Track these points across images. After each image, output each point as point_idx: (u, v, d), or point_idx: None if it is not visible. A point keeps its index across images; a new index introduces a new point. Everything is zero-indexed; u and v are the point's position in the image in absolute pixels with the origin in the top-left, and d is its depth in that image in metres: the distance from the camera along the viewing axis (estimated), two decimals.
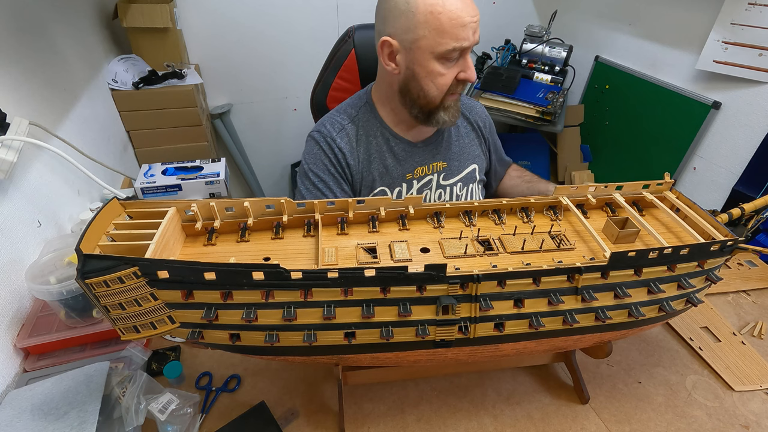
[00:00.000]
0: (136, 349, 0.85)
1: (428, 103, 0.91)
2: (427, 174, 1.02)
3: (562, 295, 0.63)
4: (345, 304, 0.59)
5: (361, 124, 0.99)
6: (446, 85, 0.88)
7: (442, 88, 0.88)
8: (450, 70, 0.87)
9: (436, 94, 0.89)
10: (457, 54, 0.85)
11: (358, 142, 0.98)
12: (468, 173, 1.07)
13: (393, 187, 1.00)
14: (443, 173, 1.04)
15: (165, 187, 1.30)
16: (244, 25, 1.99)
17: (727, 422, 0.81)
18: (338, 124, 0.99)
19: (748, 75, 1.49)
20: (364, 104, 1.01)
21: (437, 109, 0.91)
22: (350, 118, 1.00)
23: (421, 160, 1.01)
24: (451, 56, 0.85)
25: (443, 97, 0.90)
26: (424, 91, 0.89)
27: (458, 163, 1.05)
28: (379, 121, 0.99)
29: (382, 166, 0.99)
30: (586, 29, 2.20)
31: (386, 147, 0.99)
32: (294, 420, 0.79)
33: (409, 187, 1.01)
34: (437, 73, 0.86)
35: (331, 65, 1.21)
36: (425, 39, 0.83)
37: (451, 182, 1.05)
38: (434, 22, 0.81)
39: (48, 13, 1.24)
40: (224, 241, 0.70)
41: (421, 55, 0.85)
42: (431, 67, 0.86)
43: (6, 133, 0.91)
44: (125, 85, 1.63)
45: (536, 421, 0.80)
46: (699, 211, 0.75)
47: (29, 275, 0.84)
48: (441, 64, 0.85)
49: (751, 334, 0.99)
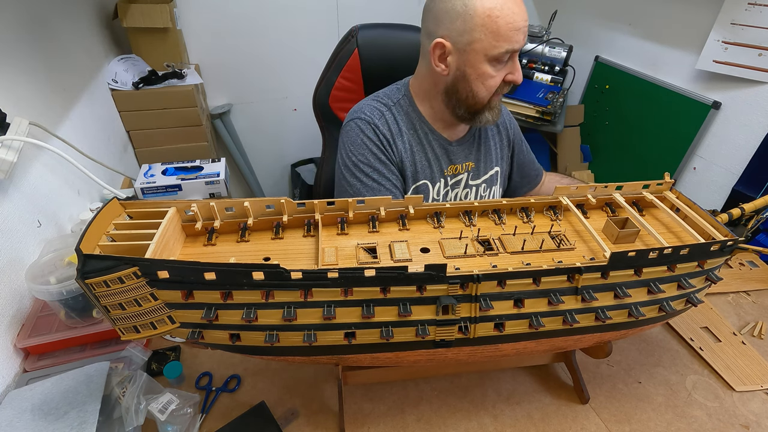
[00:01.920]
0: (136, 349, 0.85)
1: (476, 104, 0.93)
2: (460, 172, 1.05)
3: (562, 295, 0.63)
4: (345, 304, 0.59)
5: (400, 114, 1.00)
6: (495, 87, 0.90)
7: (491, 90, 0.90)
8: (499, 73, 0.89)
9: (484, 95, 0.91)
10: (508, 57, 0.88)
11: (400, 130, 0.99)
12: (492, 175, 1.09)
13: (434, 181, 1.02)
14: (471, 173, 1.06)
15: (165, 187, 1.30)
16: (244, 25, 1.99)
17: (727, 422, 0.81)
18: (377, 111, 0.99)
19: (748, 75, 1.48)
20: (402, 96, 1.01)
21: (483, 109, 0.94)
22: (387, 107, 1.00)
23: (455, 159, 1.04)
24: (503, 59, 0.87)
25: (490, 98, 0.92)
26: (474, 92, 0.91)
27: (484, 165, 1.08)
28: (418, 115, 1.00)
29: (424, 158, 1.00)
30: (586, 29, 2.20)
31: (426, 141, 1.00)
32: (294, 420, 0.79)
33: (446, 183, 1.04)
34: (488, 75, 0.88)
35: (333, 65, 1.21)
36: (480, 42, 0.84)
37: (477, 182, 1.07)
38: (492, 26, 0.83)
39: (48, 13, 1.24)
40: (224, 241, 0.70)
41: (474, 57, 0.87)
42: (483, 69, 0.88)
43: (6, 133, 0.91)
44: (125, 85, 1.63)
45: (536, 421, 0.80)
46: (699, 211, 0.75)
47: (29, 275, 0.84)
48: (492, 66, 0.88)
49: (751, 334, 0.99)
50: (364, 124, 0.97)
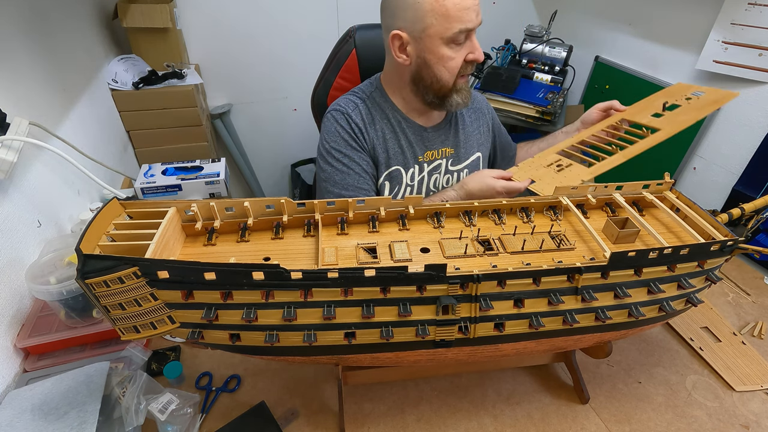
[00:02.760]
0: (136, 349, 0.85)
1: (441, 88, 0.95)
2: (436, 158, 1.06)
3: (562, 295, 0.63)
4: (345, 304, 0.59)
5: (373, 105, 1.04)
6: (457, 68, 0.93)
7: (454, 71, 0.93)
8: (459, 53, 0.91)
9: (448, 77, 0.93)
10: (464, 36, 0.90)
11: (373, 120, 1.02)
12: (473, 161, 1.11)
13: (407, 167, 1.04)
14: (451, 159, 1.08)
15: (165, 187, 1.30)
16: (244, 25, 1.99)
17: (727, 422, 0.81)
18: (351, 103, 1.04)
19: (748, 75, 1.48)
20: (374, 90, 1.05)
21: (450, 92, 0.96)
22: (361, 99, 1.05)
23: (430, 144, 1.06)
24: (459, 39, 0.90)
25: (455, 80, 0.94)
26: (437, 77, 0.93)
27: (465, 150, 1.09)
28: (390, 105, 1.03)
29: (397, 145, 1.03)
30: (586, 29, 2.20)
31: (399, 128, 1.03)
32: (294, 420, 0.79)
33: (420, 169, 1.05)
34: (448, 58, 0.91)
35: (332, 65, 1.21)
36: (433, 26, 0.88)
37: (458, 168, 1.09)
38: (440, 9, 0.86)
39: (48, 13, 1.24)
40: (224, 241, 0.70)
41: (431, 43, 0.90)
42: (441, 53, 0.90)
43: (6, 133, 0.91)
44: (125, 85, 1.63)
45: (536, 421, 0.80)
46: (699, 211, 0.75)
47: (29, 275, 0.84)
48: (450, 48, 0.90)
49: (751, 334, 0.99)
50: (339, 114, 1.02)
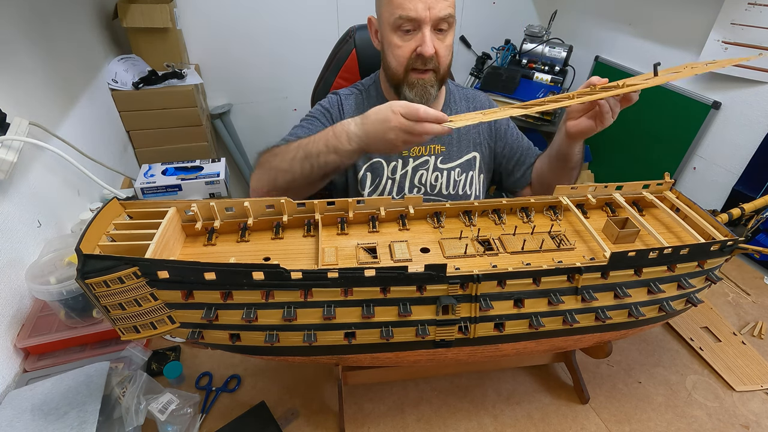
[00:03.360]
0: (136, 349, 0.85)
1: (393, 76, 0.96)
2: (423, 154, 1.05)
3: (562, 295, 0.63)
4: (345, 304, 0.59)
5: (367, 97, 1.06)
6: (403, 57, 0.91)
7: (400, 60, 0.92)
8: (406, 43, 0.90)
9: (395, 65, 0.93)
10: (410, 26, 0.88)
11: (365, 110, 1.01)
12: (467, 160, 1.08)
13: (389, 160, 1.04)
14: (441, 156, 1.06)
15: (165, 187, 1.30)
16: (244, 26, 1.99)
17: (727, 422, 0.81)
18: (348, 91, 1.08)
19: (748, 75, 1.48)
20: (372, 83, 1.08)
21: (402, 84, 0.95)
22: (359, 90, 1.07)
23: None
24: (403, 27, 0.89)
25: (405, 73, 0.93)
26: (387, 62, 0.95)
27: (457, 149, 1.07)
28: (382, 98, 1.04)
29: None
30: (586, 29, 2.20)
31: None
32: (294, 420, 0.79)
33: (404, 163, 1.04)
34: (395, 45, 0.91)
35: (332, 65, 1.21)
36: (385, 12, 0.90)
37: (449, 166, 1.06)
38: None
39: (48, 14, 1.24)
40: (224, 241, 0.70)
41: (384, 28, 0.92)
42: (389, 39, 0.91)
43: (6, 133, 0.91)
44: (125, 85, 1.63)
45: (536, 421, 0.80)
46: (699, 211, 0.75)
47: (29, 275, 0.84)
48: (397, 36, 0.90)
49: (751, 334, 0.99)
50: (334, 95, 1.06)
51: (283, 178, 0.85)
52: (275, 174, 0.86)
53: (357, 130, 0.79)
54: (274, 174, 0.86)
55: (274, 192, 0.87)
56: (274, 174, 0.86)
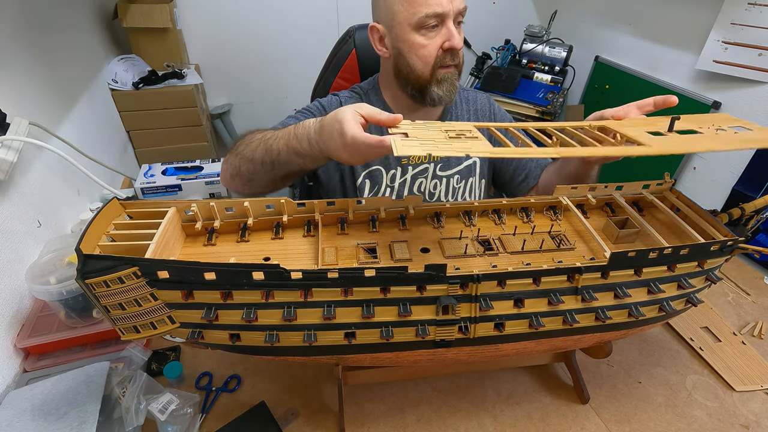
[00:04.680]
0: (136, 349, 0.85)
1: (418, 79, 0.91)
2: (423, 162, 1.03)
3: (562, 295, 0.63)
4: (345, 304, 0.59)
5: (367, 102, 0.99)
6: (431, 56, 0.88)
7: (427, 60, 0.88)
8: (432, 41, 0.87)
9: (422, 66, 0.89)
10: (435, 22, 0.85)
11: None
12: (467, 166, 1.06)
13: (388, 168, 1.01)
14: (440, 164, 1.04)
15: (165, 187, 1.30)
16: (244, 25, 1.99)
17: (727, 422, 0.81)
18: (348, 94, 1.04)
19: (748, 75, 1.48)
20: (371, 88, 1.04)
21: (429, 84, 0.91)
22: (358, 95, 1.04)
23: None
24: (428, 24, 0.85)
25: (432, 71, 0.90)
26: (411, 66, 0.90)
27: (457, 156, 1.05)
28: (383, 104, 1.01)
29: None
30: (586, 29, 2.20)
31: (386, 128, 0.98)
32: (294, 420, 0.79)
33: (404, 171, 1.02)
34: (419, 45, 0.87)
35: (331, 65, 1.21)
36: (401, 13, 0.85)
37: (448, 173, 1.04)
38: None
39: (48, 14, 1.24)
40: (224, 241, 0.70)
41: (401, 30, 0.87)
42: (412, 40, 0.87)
43: (6, 133, 0.91)
44: (125, 85, 1.63)
45: (536, 421, 0.80)
46: (699, 211, 0.75)
47: (29, 275, 0.84)
48: (421, 35, 0.86)
49: (751, 334, 0.99)
50: (333, 97, 1.02)
51: (245, 167, 0.81)
52: (239, 160, 0.82)
53: (317, 137, 0.71)
54: (238, 160, 0.82)
55: (238, 179, 0.84)
56: (239, 160, 0.82)
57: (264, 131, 0.82)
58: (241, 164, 0.81)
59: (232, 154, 0.84)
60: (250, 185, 0.84)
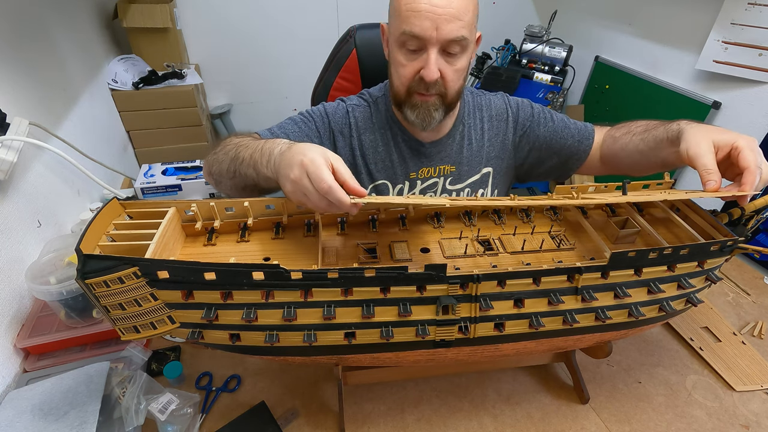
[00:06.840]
0: (136, 349, 0.85)
1: (395, 95, 0.88)
2: (432, 176, 0.98)
3: (562, 295, 0.63)
4: (345, 304, 0.59)
5: (375, 111, 0.98)
6: (406, 78, 0.83)
7: (402, 81, 0.84)
8: (410, 63, 0.82)
9: (398, 84, 0.85)
10: (414, 46, 0.80)
11: (373, 126, 0.96)
12: (480, 177, 1.00)
13: (395, 183, 0.98)
14: (450, 177, 1.00)
15: (165, 187, 1.30)
16: (244, 26, 1.99)
17: (727, 422, 0.81)
18: (356, 101, 0.99)
19: (748, 75, 1.49)
20: (381, 95, 0.99)
21: (404, 104, 0.87)
22: (368, 103, 0.98)
23: (427, 161, 0.97)
24: (409, 45, 0.80)
25: (408, 93, 0.85)
26: (392, 79, 0.88)
27: (468, 168, 0.99)
28: (391, 115, 0.97)
29: (389, 159, 0.96)
30: (586, 29, 2.20)
31: (394, 142, 0.96)
32: (294, 420, 0.79)
33: (412, 186, 0.99)
34: (399, 63, 0.83)
35: (332, 65, 1.21)
36: (392, 24, 0.83)
37: (458, 187, 0.99)
38: (396, 4, 0.80)
39: (48, 14, 1.24)
40: (224, 241, 0.70)
41: (391, 40, 0.85)
42: (395, 55, 0.84)
43: (6, 133, 0.91)
44: (125, 85, 1.63)
45: (536, 421, 0.80)
46: (699, 210, 0.75)
47: (29, 275, 0.84)
48: (402, 53, 0.82)
49: (751, 334, 0.99)
50: (342, 104, 0.97)
51: (215, 168, 0.79)
52: (213, 160, 0.79)
53: (279, 157, 0.64)
54: (212, 160, 0.80)
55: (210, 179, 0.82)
56: (213, 160, 0.79)
57: (244, 136, 0.80)
58: (213, 165, 0.79)
59: (211, 153, 0.82)
60: (219, 187, 0.83)
